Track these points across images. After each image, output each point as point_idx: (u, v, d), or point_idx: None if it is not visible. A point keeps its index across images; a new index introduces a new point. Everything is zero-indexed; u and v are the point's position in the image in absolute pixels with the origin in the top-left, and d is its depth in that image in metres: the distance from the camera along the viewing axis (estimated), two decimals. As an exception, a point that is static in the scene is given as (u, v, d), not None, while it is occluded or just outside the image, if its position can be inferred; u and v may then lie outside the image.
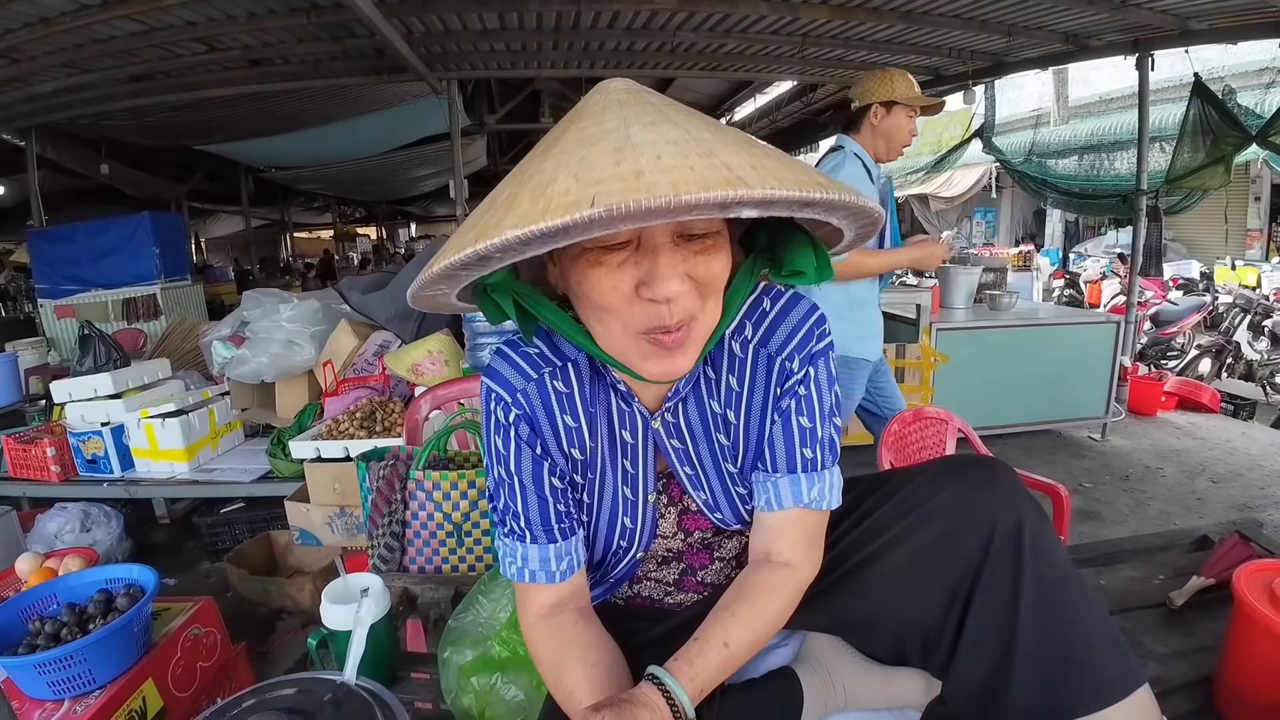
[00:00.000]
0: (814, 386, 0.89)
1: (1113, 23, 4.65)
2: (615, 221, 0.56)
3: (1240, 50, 6.11)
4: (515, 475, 0.90)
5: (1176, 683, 1.14)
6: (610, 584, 1.02)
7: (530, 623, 0.91)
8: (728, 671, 0.83)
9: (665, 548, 1.00)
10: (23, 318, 8.65)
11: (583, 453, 0.92)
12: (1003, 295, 4.56)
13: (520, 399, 0.90)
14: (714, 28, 5.00)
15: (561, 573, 0.90)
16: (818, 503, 0.89)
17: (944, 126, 12.22)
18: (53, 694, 1.52)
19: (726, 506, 0.94)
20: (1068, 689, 0.80)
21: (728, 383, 0.91)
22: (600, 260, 0.72)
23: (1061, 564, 0.84)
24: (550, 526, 0.90)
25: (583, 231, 0.57)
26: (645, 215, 0.55)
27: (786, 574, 0.88)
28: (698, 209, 0.56)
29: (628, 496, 0.94)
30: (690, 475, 0.93)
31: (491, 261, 0.64)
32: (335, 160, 8.22)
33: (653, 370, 0.78)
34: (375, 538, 1.50)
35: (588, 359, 0.91)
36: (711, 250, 0.74)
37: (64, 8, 3.72)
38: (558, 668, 0.86)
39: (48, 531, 2.96)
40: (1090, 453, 4.36)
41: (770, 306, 0.90)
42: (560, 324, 0.81)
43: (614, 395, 0.91)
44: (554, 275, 0.82)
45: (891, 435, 2.19)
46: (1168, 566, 1.45)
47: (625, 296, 0.73)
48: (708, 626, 0.84)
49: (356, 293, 3.92)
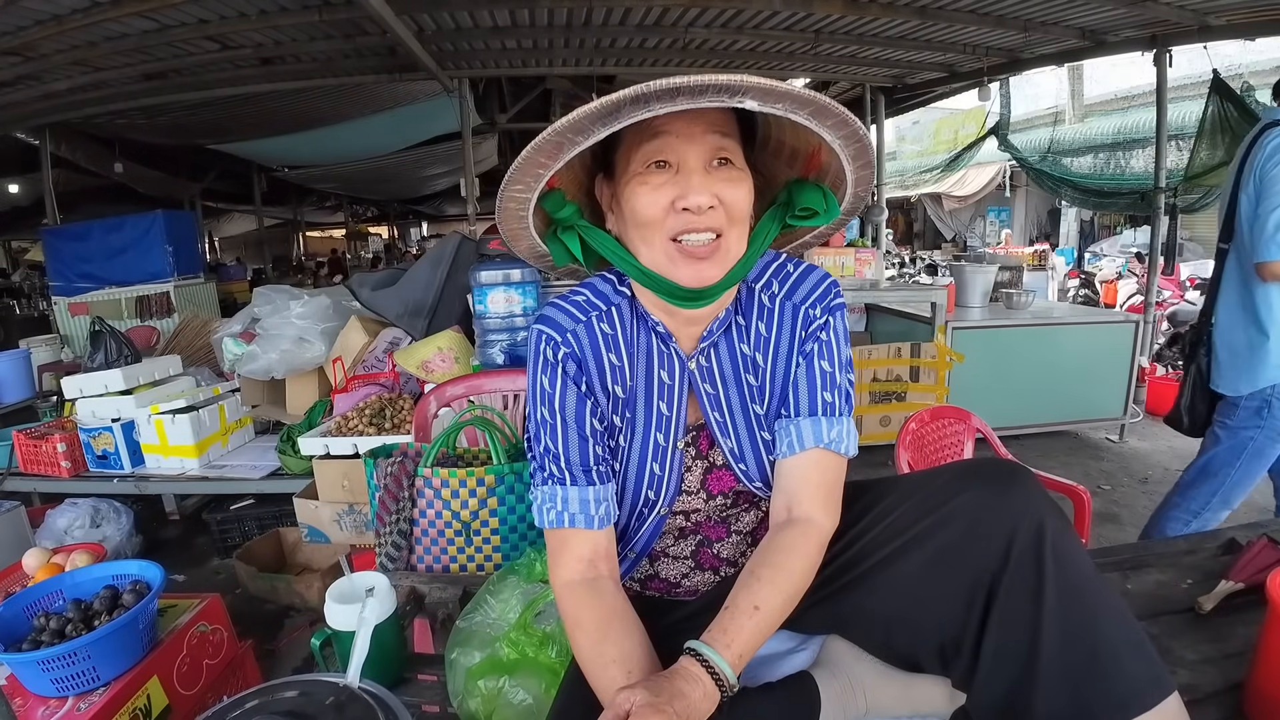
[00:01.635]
0: (833, 334, 0.99)
1: (1130, 18, 4.60)
2: (676, 95, 0.74)
3: (1259, 47, 6.02)
4: (559, 413, 0.97)
5: (1206, 690, 1.10)
6: (631, 560, 1.05)
7: (568, 578, 0.93)
8: (763, 635, 0.85)
9: (685, 511, 1.03)
10: (37, 315, 8.73)
11: (624, 390, 1.00)
12: (1019, 294, 4.51)
13: (570, 338, 0.98)
14: (726, 24, 4.98)
15: (600, 519, 0.95)
16: (836, 444, 0.95)
17: (959, 124, 12.15)
18: (57, 691, 1.51)
19: (751, 455, 1.00)
20: (1095, 698, 0.77)
21: (757, 328, 1.00)
22: (646, 180, 0.87)
23: (1085, 569, 0.81)
24: (589, 468, 0.96)
25: (647, 103, 0.75)
26: (673, 94, 0.74)
27: (807, 529, 0.91)
28: (710, 91, 0.74)
29: (659, 442, 1.00)
30: (720, 422, 1.00)
31: (565, 148, 0.81)
32: (347, 159, 8.23)
33: (686, 275, 0.88)
34: (383, 536, 1.48)
35: (629, 303, 1.01)
36: (736, 180, 0.88)
37: (76, 5, 3.73)
38: (601, 634, 0.87)
39: (58, 527, 2.97)
40: (1108, 454, 4.31)
41: (794, 270, 1.02)
42: (613, 248, 0.94)
43: (654, 337, 1.00)
44: (612, 221, 0.97)
45: (909, 434, 2.15)
46: (1195, 570, 1.41)
47: (664, 208, 0.87)
48: (736, 593, 0.86)
49: (367, 289, 3.90)
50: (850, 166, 0.91)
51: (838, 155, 0.88)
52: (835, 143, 0.86)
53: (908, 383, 4.12)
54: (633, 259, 0.93)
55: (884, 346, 4.13)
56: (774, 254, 1.04)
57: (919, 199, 15.68)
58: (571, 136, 0.79)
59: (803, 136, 0.90)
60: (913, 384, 4.12)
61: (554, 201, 0.91)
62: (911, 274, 10.36)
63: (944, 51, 5.66)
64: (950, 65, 6.20)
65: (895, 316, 4.74)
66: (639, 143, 0.87)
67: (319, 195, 13.83)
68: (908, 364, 4.10)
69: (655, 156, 0.87)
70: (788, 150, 0.96)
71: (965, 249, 12.96)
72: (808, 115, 0.81)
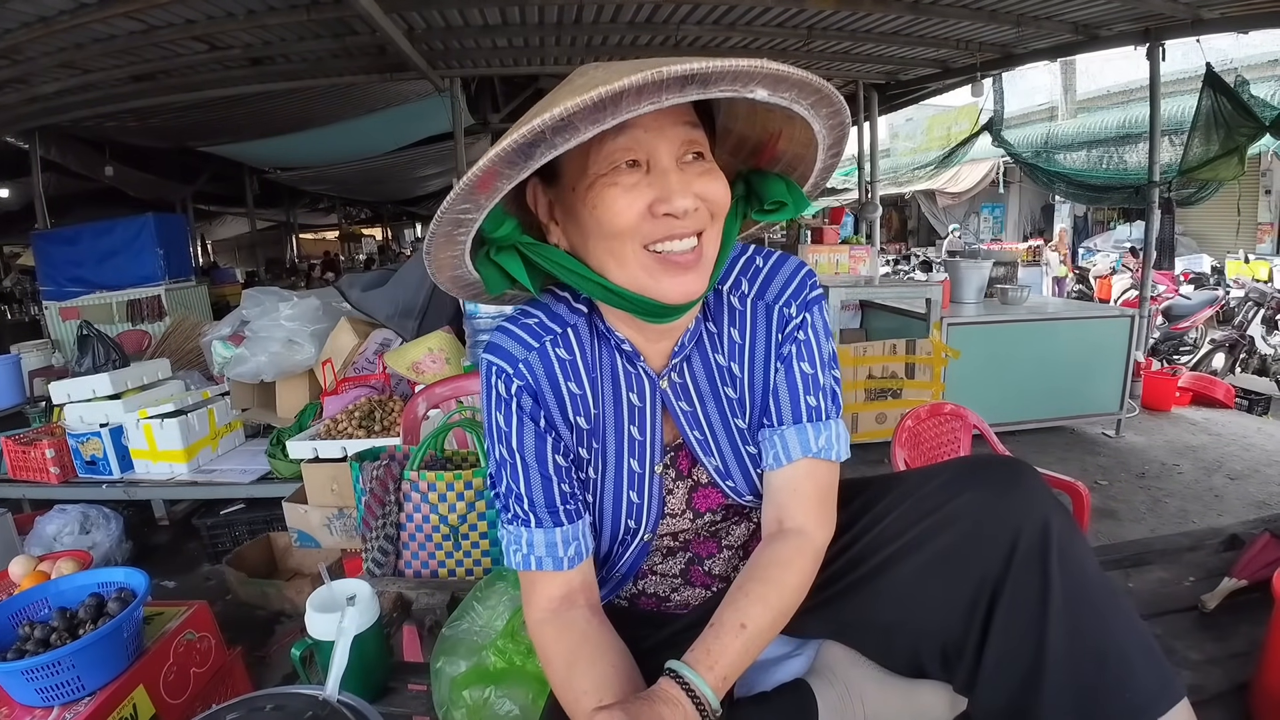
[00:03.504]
0: (812, 332, 0.91)
1: (1123, 12, 4.59)
2: (642, 96, 0.65)
3: (1253, 40, 6.02)
4: (518, 453, 0.88)
5: (1212, 691, 1.08)
6: (615, 582, 0.98)
7: (539, 618, 0.87)
8: (750, 655, 0.80)
9: (672, 532, 0.97)
10: (28, 320, 8.67)
11: (588, 421, 0.91)
12: (1014, 289, 4.49)
13: (522, 369, 0.89)
14: (718, 21, 4.95)
15: (569, 559, 0.87)
16: (826, 451, 0.89)
17: (952, 121, 12.15)
18: (42, 700, 1.49)
19: (737, 470, 0.93)
20: (1103, 706, 0.74)
21: (729, 335, 0.92)
22: (615, 182, 0.76)
23: (1092, 571, 0.78)
24: (555, 508, 0.88)
25: (612, 107, 0.65)
26: (660, 88, 0.64)
27: (800, 542, 0.86)
28: (714, 80, 0.66)
29: (634, 469, 0.92)
30: (700, 440, 0.92)
31: (535, 156, 0.69)
32: (339, 161, 8.19)
33: (670, 289, 0.79)
34: (369, 540, 1.45)
35: (588, 322, 0.91)
36: (712, 173, 0.80)
37: (63, 6, 3.68)
38: (569, 667, 0.82)
39: (47, 533, 2.94)
40: (1105, 449, 4.30)
41: (763, 264, 0.93)
42: (571, 266, 0.83)
43: (619, 357, 0.91)
44: (555, 234, 0.86)
45: (905, 431, 2.13)
46: (1197, 568, 1.39)
47: (639, 214, 0.77)
48: (723, 610, 0.81)
49: (356, 290, 3.87)
50: (823, 156, 0.84)
51: (800, 143, 0.82)
52: (821, 131, 0.79)
53: (903, 379, 4.10)
54: (598, 277, 0.82)
55: (879, 343, 4.11)
56: (740, 247, 0.95)
57: (913, 196, 15.68)
58: (550, 137, 0.68)
59: (759, 124, 0.85)
60: (908, 381, 4.10)
61: (491, 220, 0.79)
62: (906, 270, 10.36)
63: (937, 47, 5.64)
64: (943, 61, 6.18)
65: (890, 313, 4.72)
66: (600, 139, 0.73)
67: (312, 197, 13.77)
68: (903, 361, 4.08)
69: (625, 155, 0.76)
70: (734, 138, 0.89)
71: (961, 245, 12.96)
72: (809, 105, 0.75)
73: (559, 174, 0.82)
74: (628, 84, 0.62)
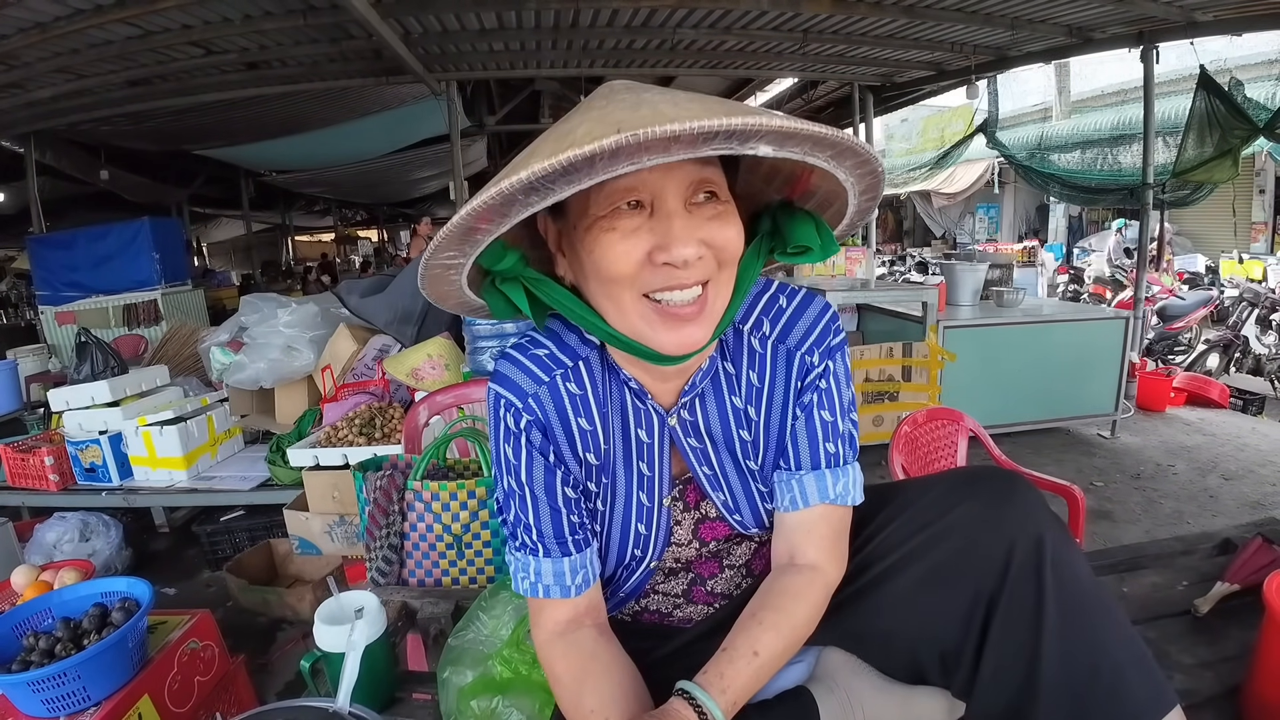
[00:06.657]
0: (833, 381, 0.89)
1: (1117, 14, 4.61)
2: (639, 151, 0.58)
3: (1246, 42, 6.05)
4: (527, 486, 0.87)
5: (1204, 695, 1.09)
6: (619, 600, 0.99)
7: (546, 639, 0.88)
8: (760, 681, 0.81)
9: (675, 557, 0.97)
10: (24, 325, 8.65)
11: (598, 457, 0.90)
12: (1009, 292, 4.51)
13: (532, 404, 0.87)
14: (714, 24, 4.97)
15: (577, 587, 0.88)
16: (843, 498, 0.88)
17: (947, 122, 12.18)
18: (47, 711, 1.49)
19: (746, 507, 0.92)
20: (1097, 715, 0.76)
21: (748, 379, 0.89)
22: (614, 226, 0.72)
23: (1086, 582, 0.80)
24: (564, 539, 0.88)
25: (608, 163, 0.59)
26: (667, 144, 0.58)
27: (813, 576, 0.86)
28: (719, 138, 0.59)
29: (643, 502, 0.91)
30: (709, 475, 0.91)
31: (514, 209, 0.65)
32: (335, 163, 8.20)
33: (668, 340, 0.76)
34: (373, 550, 1.46)
35: (599, 357, 0.89)
36: (724, 216, 0.74)
37: (59, 12, 3.69)
38: (578, 687, 0.83)
39: (46, 541, 2.94)
40: (1100, 450, 4.32)
41: (786, 304, 0.90)
42: (573, 306, 0.80)
43: (628, 393, 0.89)
44: (562, 266, 0.82)
45: (902, 437, 2.15)
46: (1190, 572, 1.41)
47: (638, 262, 0.73)
48: (735, 635, 0.82)
49: (355, 296, 3.87)
50: (855, 201, 0.79)
51: (835, 180, 0.75)
52: (848, 181, 0.75)
53: (900, 382, 4.12)
54: (598, 319, 0.80)
55: (876, 346, 4.12)
56: (763, 282, 0.91)
57: (908, 196, 15.72)
58: (523, 197, 0.64)
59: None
60: (905, 383, 4.11)
61: (491, 255, 0.76)
62: (902, 272, 10.38)
63: (932, 50, 5.67)
64: (938, 63, 6.20)
65: (887, 316, 4.74)
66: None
67: (308, 199, 13.76)
68: (900, 364, 4.10)
69: (626, 195, 0.71)
70: (766, 165, 0.81)
71: (955, 246, 13.00)
72: (828, 158, 0.69)
73: (565, 206, 0.77)
74: (596, 149, 0.56)
